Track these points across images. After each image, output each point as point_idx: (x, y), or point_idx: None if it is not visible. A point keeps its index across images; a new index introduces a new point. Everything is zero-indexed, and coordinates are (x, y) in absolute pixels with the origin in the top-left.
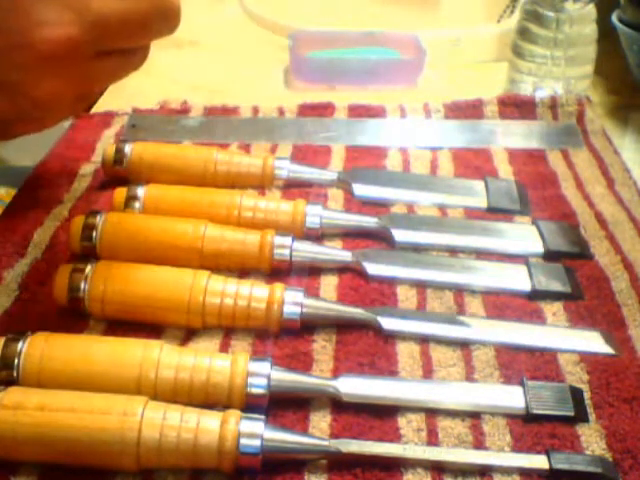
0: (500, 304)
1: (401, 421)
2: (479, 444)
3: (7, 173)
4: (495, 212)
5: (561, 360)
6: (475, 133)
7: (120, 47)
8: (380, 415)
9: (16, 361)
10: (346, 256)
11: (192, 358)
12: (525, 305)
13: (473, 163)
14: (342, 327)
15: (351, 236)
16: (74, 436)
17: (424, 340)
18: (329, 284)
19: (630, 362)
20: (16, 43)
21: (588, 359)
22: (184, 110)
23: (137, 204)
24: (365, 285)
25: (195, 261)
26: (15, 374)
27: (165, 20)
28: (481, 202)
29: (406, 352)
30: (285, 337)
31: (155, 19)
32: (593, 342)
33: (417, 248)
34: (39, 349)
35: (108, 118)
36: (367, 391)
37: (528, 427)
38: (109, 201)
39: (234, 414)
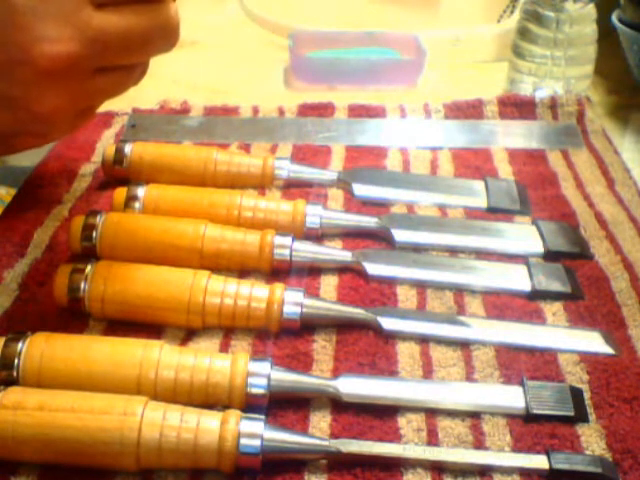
0: (500, 304)
1: (401, 421)
2: (479, 444)
3: (7, 173)
4: (495, 212)
5: (561, 360)
6: (475, 133)
7: (120, 63)
8: (380, 415)
9: (16, 361)
10: (346, 256)
11: (192, 358)
12: (525, 305)
13: (473, 163)
14: (342, 327)
15: (351, 236)
16: (74, 436)
17: (424, 340)
18: (329, 284)
19: (630, 362)
20: (16, 58)
21: (588, 359)
22: (184, 110)
23: (137, 204)
24: (365, 285)
25: (195, 261)
26: (15, 374)
27: (165, 37)
28: (481, 202)
29: (406, 352)
30: (285, 337)
31: (155, 36)
32: (593, 342)
33: (417, 248)
34: (39, 349)
35: (108, 118)
36: (367, 391)
37: (528, 427)
38: (109, 201)
39: (234, 414)
